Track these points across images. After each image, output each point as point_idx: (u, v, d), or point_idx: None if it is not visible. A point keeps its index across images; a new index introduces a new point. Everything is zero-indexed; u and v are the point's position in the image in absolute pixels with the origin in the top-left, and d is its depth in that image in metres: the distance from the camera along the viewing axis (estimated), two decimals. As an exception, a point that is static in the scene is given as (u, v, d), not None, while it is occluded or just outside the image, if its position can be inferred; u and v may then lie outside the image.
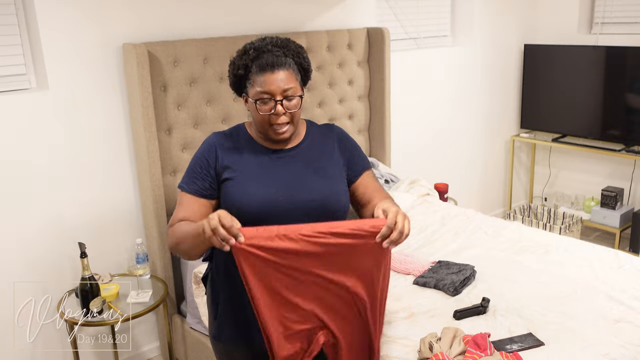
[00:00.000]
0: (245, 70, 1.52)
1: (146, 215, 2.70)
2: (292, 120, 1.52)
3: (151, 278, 2.63)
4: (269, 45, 1.51)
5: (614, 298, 2.14)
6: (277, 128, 1.51)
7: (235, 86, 1.59)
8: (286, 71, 1.49)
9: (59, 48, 2.41)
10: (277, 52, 1.50)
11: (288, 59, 1.51)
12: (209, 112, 2.78)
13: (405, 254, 2.57)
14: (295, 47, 1.55)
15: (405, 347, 1.87)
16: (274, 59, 1.48)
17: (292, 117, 1.52)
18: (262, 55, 1.49)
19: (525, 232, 2.77)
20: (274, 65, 1.48)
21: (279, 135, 1.52)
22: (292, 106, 1.50)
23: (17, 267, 2.44)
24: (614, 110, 4.04)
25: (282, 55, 1.50)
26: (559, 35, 4.29)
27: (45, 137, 2.44)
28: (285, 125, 1.51)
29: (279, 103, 1.48)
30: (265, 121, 1.51)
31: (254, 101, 1.50)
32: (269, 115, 1.49)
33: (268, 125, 1.51)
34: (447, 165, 4.17)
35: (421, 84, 3.87)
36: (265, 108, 1.49)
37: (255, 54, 1.50)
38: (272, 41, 1.53)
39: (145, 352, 2.92)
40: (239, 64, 1.53)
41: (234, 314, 1.58)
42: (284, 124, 1.50)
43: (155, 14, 2.62)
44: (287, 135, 1.53)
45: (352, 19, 3.38)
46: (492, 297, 2.14)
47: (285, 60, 1.49)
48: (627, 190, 4.14)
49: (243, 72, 1.52)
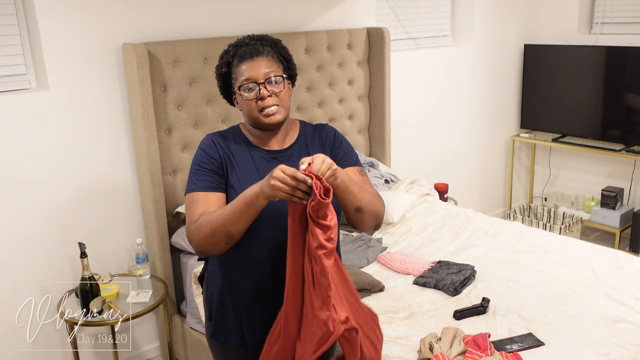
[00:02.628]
0: (228, 67, 1.55)
1: (146, 215, 2.70)
2: (280, 104, 1.52)
3: (151, 278, 2.63)
4: (246, 39, 1.56)
5: (614, 298, 2.14)
6: (266, 111, 1.50)
7: (224, 90, 1.60)
8: (265, 57, 1.52)
9: (59, 48, 2.41)
10: (255, 43, 1.55)
11: (266, 47, 1.55)
12: (209, 112, 2.78)
13: (405, 254, 2.58)
14: (272, 39, 1.59)
15: (405, 347, 1.87)
16: (252, 49, 1.52)
17: (280, 100, 1.52)
18: (241, 48, 1.54)
19: (525, 232, 2.78)
20: (252, 54, 1.51)
21: (269, 117, 1.50)
22: (277, 88, 1.51)
23: (17, 267, 2.44)
24: (614, 110, 4.04)
25: (259, 45, 1.54)
26: (559, 35, 4.30)
27: (45, 137, 2.44)
28: (273, 107, 1.50)
29: (262, 86, 1.49)
30: (253, 108, 1.51)
31: (238, 88, 1.51)
32: (255, 102, 1.50)
33: (257, 112, 1.51)
34: (447, 165, 4.17)
35: (421, 84, 3.87)
36: (250, 95, 1.50)
37: (235, 50, 1.54)
38: (249, 36, 1.58)
39: (145, 352, 2.92)
40: (221, 62, 1.57)
41: (229, 313, 1.58)
42: (271, 105, 1.50)
43: (155, 14, 2.63)
44: (279, 117, 1.52)
45: (352, 19, 3.38)
46: (492, 297, 2.15)
47: (263, 49, 1.53)
48: (627, 190, 4.14)
49: (226, 69, 1.55)
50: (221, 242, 1.43)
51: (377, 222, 1.57)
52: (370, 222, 1.54)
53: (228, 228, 1.40)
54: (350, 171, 1.60)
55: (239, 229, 1.40)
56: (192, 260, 2.61)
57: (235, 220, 1.39)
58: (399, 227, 2.88)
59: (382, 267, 2.51)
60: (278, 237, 1.47)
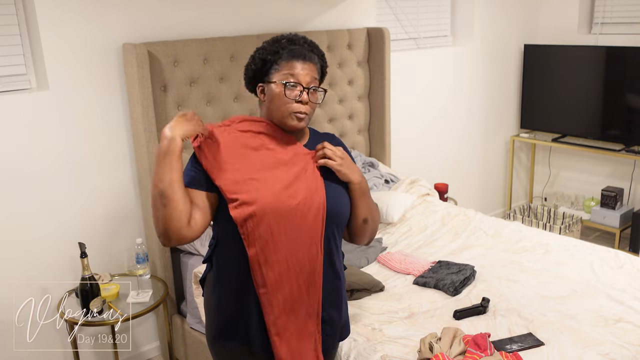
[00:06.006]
0: (274, 56, 1.54)
1: (146, 215, 2.70)
2: (310, 113, 1.54)
3: (151, 278, 2.63)
4: (300, 40, 1.57)
5: (614, 298, 2.14)
6: (298, 115, 1.51)
7: (255, 74, 1.58)
8: (314, 66, 1.54)
9: (59, 48, 2.41)
10: (308, 47, 1.56)
11: (315, 57, 1.56)
12: (209, 112, 2.78)
13: (405, 254, 2.58)
14: (321, 51, 1.61)
15: (405, 347, 1.87)
16: (305, 52, 1.53)
17: (311, 110, 1.54)
18: (294, 45, 1.54)
19: (525, 232, 2.78)
20: (305, 56, 1.53)
21: (298, 122, 1.52)
22: (315, 99, 1.53)
23: (17, 267, 2.44)
24: (614, 110, 4.04)
25: (312, 53, 1.56)
26: (559, 35, 4.30)
27: (45, 137, 2.44)
28: (304, 114, 1.52)
29: (305, 91, 1.50)
30: (287, 108, 1.51)
31: (282, 83, 1.50)
32: (291, 102, 1.50)
33: (288, 112, 1.51)
34: (447, 165, 4.17)
35: (421, 84, 3.87)
36: (292, 93, 1.50)
37: (288, 43, 1.54)
38: (304, 38, 1.58)
39: (145, 352, 2.92)
40: (269, 49, 1.55)
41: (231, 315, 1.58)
42: (303, 112, 1.51)
43: (155, 14, 2.63)
44: (303, 124, 1.53)
45: (352, 19, 3.38)
46: (492, 297, 2.15)
47: (313, 57, 1.55)
48: (627, 190, 4.14)
49: (272, 57, 1.54)
50: (159, 204, 1.43)
51: (373, 237, 1.65)
52: (371, 234, 1.62)
53: (157, 185, 1.43)
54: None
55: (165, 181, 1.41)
56: (192, 260, 2.61)
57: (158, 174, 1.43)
58: (399, 227, 2.88)
59: (382, 267, 2.51)
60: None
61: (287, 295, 1.49)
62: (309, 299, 1.52)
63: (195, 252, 2.60)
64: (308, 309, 1.52)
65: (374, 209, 1.61)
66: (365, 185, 1.56)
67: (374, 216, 1.61)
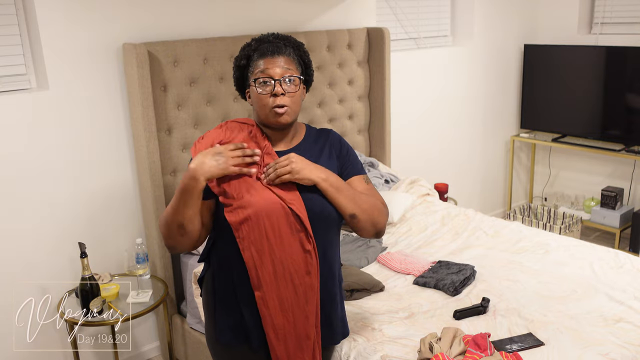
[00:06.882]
0: (248, 60, 1.55)
1: (146, 215, 2.70)
2: (291, 106, 1.52)
3: (151, 278, 2.63)
4: (270, 37, 1.57)
5: (614, 298, 2.14)
6: (277, 109, 1.50)
7: (239, 82, 1.61)
8: (286, 57, 1.53)
9: (59, 48, 2.41)
10: (278, 42, 1.55)
11: (289, 48, 1.55)
12: (209, 112, 2.78)
13: (405, 254, 2.58)
14: (296, 41, 1.60)
15: (405, 347, 1.87)
16: (274, 47, 1.53)
17: (291, 102, 1.52)
18: (264, 44, 1.54)
19: (525, 232, 2.78)
20: (274, 51, 1.52)
21: (279, 116, 1.51)
22: (291, 88, 1.52)
23: (17, 267, 2.44)
24: (614, 110, 4.04)
25: (282, 44, 1.55)
26: (559, 35, 4.29)
27: (45, 137, 2.44)
28: (283, 107, 1.50)
29: (277, 83, 1.49)
30: (265, 104, 1.51)
31: (253, 81, 1.51)
32: (268, 98, 1.50)
33: (268, 109, 1.51)
34: (447, 165, 4.17)
35: (421, 84, 3.87)
36: (264, 90, 1.50)
37: (257, 44, 1.55)
38: (274, 34, 1.58)
39: (145, 352, 2.92)
40: (242, 54, 1.57)
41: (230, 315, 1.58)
42: (282, 105, 1.50)
43: (155, 14, 2.63)
44: (288, 119, 1.52)
45: (352, 19, 3.38)
46: (492, 297, 2.15)
47: (285, 49, 1.54)
48: (627, 190, 4.14)
49: (245, 61, 1.56)
50: (175, 233, 1.46)
51: (376, 231, 1.59)
52: (367, 229, 1.56)
53: (176, 217, 1.44)
54: (356, 179, 1.62)
55: (186, 217, 1.44)
56: (192, 260, 2.61)
57: (179, 208, 1.43)
58: (399, 227, 2.88)
59: (382, 267, 2.51)
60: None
61: (283, 296, 1.50)
62: (305, 300, 1.52)
63: (196, 252, 2.60)
64: (304, 310, 1.52)
65: (363, 201, 1.54)
66: (334, 180, 1.51)
67: (366, 209, 1.53)
